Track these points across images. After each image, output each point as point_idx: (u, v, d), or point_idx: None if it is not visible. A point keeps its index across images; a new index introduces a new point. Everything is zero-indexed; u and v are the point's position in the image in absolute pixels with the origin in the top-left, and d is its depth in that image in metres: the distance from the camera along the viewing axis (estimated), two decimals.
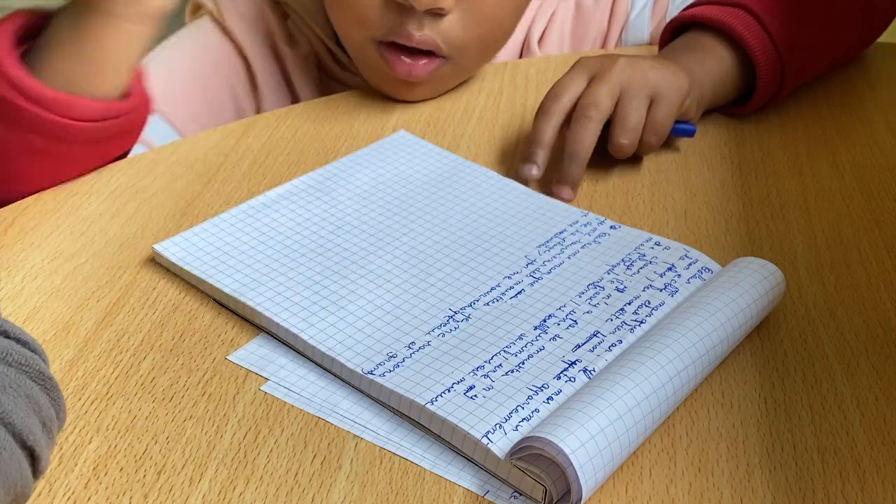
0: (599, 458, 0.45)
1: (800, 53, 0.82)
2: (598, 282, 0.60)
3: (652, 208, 0.71)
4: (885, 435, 0.51)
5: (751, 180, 0.76)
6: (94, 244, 0.60)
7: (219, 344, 0.54)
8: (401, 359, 0.52)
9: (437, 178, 0.71)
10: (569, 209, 0.68)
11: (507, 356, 0.53)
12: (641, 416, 0.47)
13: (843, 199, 0.74)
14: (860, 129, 0.85)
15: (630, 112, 0.71)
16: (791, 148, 0.81)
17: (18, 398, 0.41)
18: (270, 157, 0.74)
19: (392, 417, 0.50)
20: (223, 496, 0.45)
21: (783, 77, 0.81)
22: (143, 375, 0.52)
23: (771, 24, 0.80)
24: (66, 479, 0.45)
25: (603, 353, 0.53)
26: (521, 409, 0.49)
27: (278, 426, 0.49)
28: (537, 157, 0.71)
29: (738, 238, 0.68)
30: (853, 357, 0.57)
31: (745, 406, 0.53)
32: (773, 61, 0.80)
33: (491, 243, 0.64)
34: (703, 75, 0.78)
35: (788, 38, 0.80)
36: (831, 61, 0.89)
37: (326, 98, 0.85)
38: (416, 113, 0.82)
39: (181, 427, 0.49)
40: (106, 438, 0.48)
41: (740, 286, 0.56)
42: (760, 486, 0.48)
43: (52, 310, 0.56)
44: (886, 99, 0.89)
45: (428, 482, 0.47)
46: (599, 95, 0.71)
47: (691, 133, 0.76)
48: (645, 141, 0.73)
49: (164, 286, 0.59)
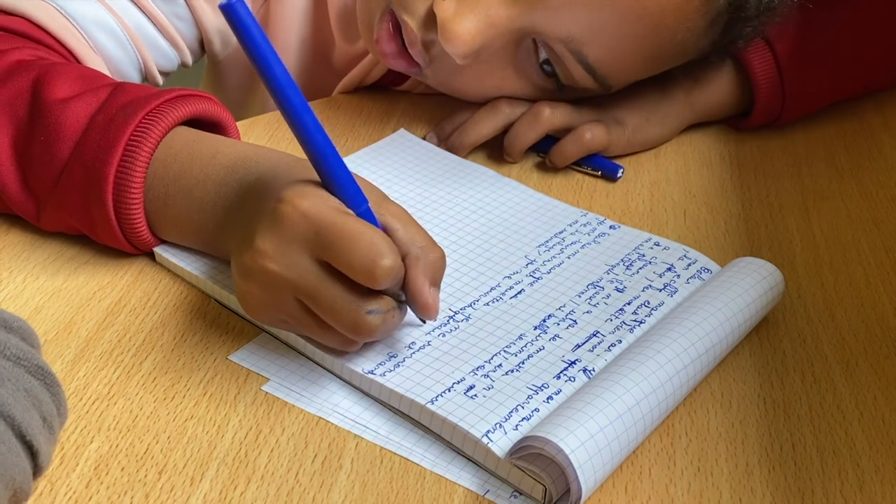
0: (599, 458, 0.45)
1: (807, 82, 0.80)
2: (597, 282, 0.60)
3: (652, 208, 0.71)
4: (884, 435, 0.51)
5: (750, 181, 0.76)
6: (96, 244, 0.60)
7: (220, 344, 0.55)
8: (401, 358, 0.52)
9: (437, 178, 0.71)
10: (568, 209, 0.68)
11: (507, 356, 0.53)
12: (641, 415, 0.48)
13: (842, 200, 0.74)
14: (859, 130, 0.85)
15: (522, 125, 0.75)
16: (790, 149, 0.81)
17: (17, 392, 0.41)
18: None
19: (392, 417, 0.51)
20: (224, 495, 0.45)
21: (784, 102, 0.80)
22: (144, 375, 0.52)
23: (781, 52, 0.78)
24: (67, 478, 0.45)
25: (602, 352, 0.53)
26: (520, 408, 0.49)
27: (279, 426, 0.50)
28: (445, 134, 0.76)
29: (737, 238, 0.68)
30: (852, 357, 0.57)
31: (745, 406, 0.53)
32: (775, 85, 0.79)
33: (491, 243, 0.64)
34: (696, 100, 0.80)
35: (796, 65, 0.79)
36: (856, 88, 0.87)
37: (327, 98, 0.85)
38: (416, 113, 0.82)
39: (182, 427, 0.49)
40: (107, 438, 0.48)
41: (739, 286, 0.56)
42: (759, 486, 0.48)
43: (53, 309, 0.56)
44: (885, 100, 0.89)
45: (428, 482, 0.47)
46: (553, 109, 0.73)
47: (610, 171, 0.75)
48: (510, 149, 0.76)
49: (165, 287, 0.59)
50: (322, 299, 0.48)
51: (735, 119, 0.83)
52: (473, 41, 0.66)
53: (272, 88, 0.46)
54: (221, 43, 0.84)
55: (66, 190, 0.57)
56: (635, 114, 0.77)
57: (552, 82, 0.71)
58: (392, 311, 0.50)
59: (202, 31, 0.82)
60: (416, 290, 0.49)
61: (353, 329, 0.49)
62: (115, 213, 0.57)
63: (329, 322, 0.49)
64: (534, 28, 0.67)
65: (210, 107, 0.60)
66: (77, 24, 0.73)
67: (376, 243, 0.47)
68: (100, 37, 0.74)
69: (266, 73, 0.46)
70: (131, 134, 0.56)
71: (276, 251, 0.49)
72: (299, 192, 0.49)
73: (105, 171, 0.56)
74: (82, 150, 0.57)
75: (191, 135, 0.58)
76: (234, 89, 0.92)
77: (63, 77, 0.60)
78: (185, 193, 0.57)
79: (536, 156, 0.77)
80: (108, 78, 0.62)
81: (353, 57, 0.85)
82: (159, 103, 0.57)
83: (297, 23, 0.85)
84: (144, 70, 0.79)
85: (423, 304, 0.50)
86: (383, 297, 0.49)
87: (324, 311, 0.49)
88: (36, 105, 0.59)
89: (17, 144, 0.59)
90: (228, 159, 0.57)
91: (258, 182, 0.54)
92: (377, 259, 0.47)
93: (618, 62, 0.69)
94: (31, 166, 0.59)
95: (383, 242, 0.48)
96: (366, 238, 0.47)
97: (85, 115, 0.58)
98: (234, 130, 0.62)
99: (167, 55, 0.80)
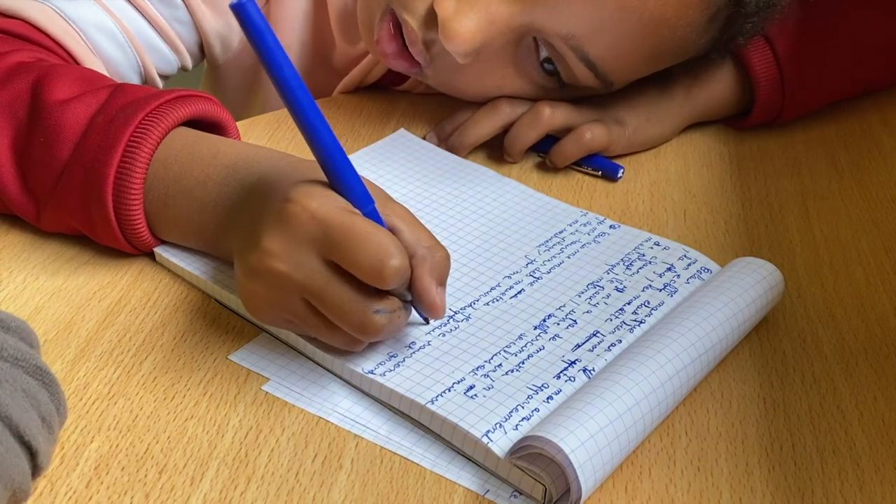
0: (599, 457, 0.45)
1: (807, 80, 0.80)
2: (597, 281, 0.60)
3: (652, 208, 0.71)
4: (884, 434, 0.51)
5: (750, 181, 0.76)
6: (96, 244, 0.60)
7: (220, 344, 0.55)
8: (401, 358, 0.52)
9: (437, 178, 0.71)
10: (568, 209, 0.68)
11: (507, 356, 0.53)
12: (641, 415, 0.48)
13: (842, 200, 0.74)
14: (858, 130, 0.85)
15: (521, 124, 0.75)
16: (790, 148, 0.81)
17: (15, 392, 0.41)
18: None
19: (392, 417, 0.51)
20: (224, 495, 0.45)
21: (784, 100, 0.80)
22: (144, 375, 0.52)
23: (781, 50, 0.78)
24: (67, 478, 0.46)
25: (602, 352, 0.53)
26: (520, 408, 0.49)
27: (279, 426, 0.50)
28: (445, 134, 0.76)
29: (737, 238, 0.68)
30: (852, 357, 0.57)
31: (745, 405, 0.53)
32: (775, 83, 0.79)
33: (491, 243, 0.64)
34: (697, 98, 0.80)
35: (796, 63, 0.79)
36: (856, 87, 0.87)
37: (327, 98, 0.85)
38: (416, 112, 0.83)
39: (182, 426, 0.49)
40: (107, 438, 0.48)
41: (739, 286, 0.56)
42: (759, 486, 0.48)
43: (53, 309, 0.56)
44: (884, 99, 0.89)
45: (428, 481, 0.47)
46: (553, 109, 0.73)
47: (610, 171, 0.75)
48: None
49: (165, 287, 0.59)
50: (329, 299, 0.48)
51: (735, 118, 0.83)
52: (474, 39, 0.66)
53: (281, 88, 0.46)
54: (221, 47, 0.84)
55: (66, 191, 0.57)
56: (636, 113, 0.77)
57: (553, 81, 0.71)
58: (398, 311, 0.50)
59: (202, 35, 0.82)
60: (424, 289, 0.50)
61: (360, 329, 0.49)
62: (115, 214, 0.57)
63: (336, 322, 0.49)
64: (534, 25, 0.67)
65: (210, 107, 0.60)
66: (76, 26, 0.72)
67: (385, 244, 0.47)
68: (99, 40, 0.74)
69: (276, 73, 0.46)
70: (131, 135, 0.56)
71: (284, 251, 0.49)
72: (307, 192, 0.49)
73: (105, 171, 0.56)
74: (82, 151, 0.57)
75: (191, 135, 0.58)
76: (233, 93, 0.92)
77: (63, 78, 0.60)
78: (186, 194, 0.57)
79: (536, 156, 0.77)
80: (108, 79, 0.62)
81: (354, 58, 0.85)
82: (159, 104, 0.57)
83: (298, 24, 0.85)
84: (144, 73, 0.79)
85: (431, 304, 0.50)
86: (390, 297, 0.49)
87: (331, 311, 0.49)
88: (36, 106, 0.59)
89: (16, 146, 0.59)
90: (229, 159, 0.57)
91: (260, 182, 0.54)
92: (386, 259, 0.47)
93: (619, 58, 0.69)
94: (31, 167, 0.59)
95: (391, 243, 0.48)
96: (374, 238, 0.47)
97: (85, 117, 0.58)
98: (234, 131, 0.62)
99: (167, 58, 0.80)
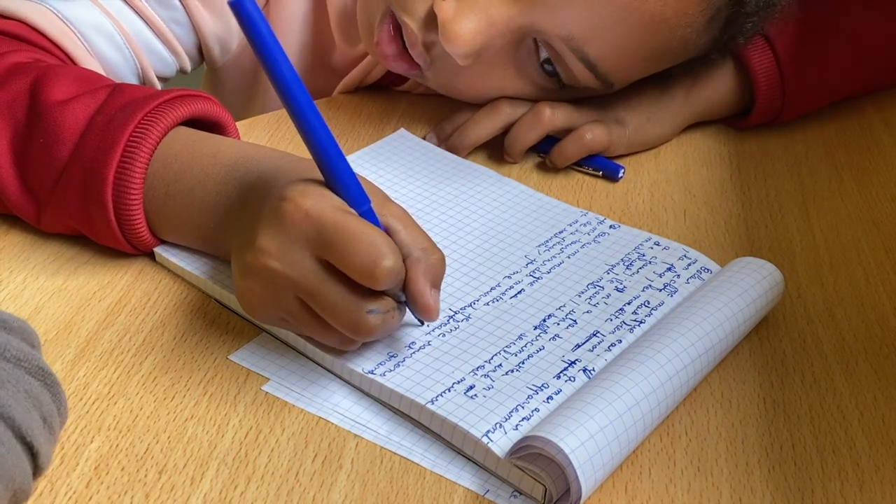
0: (599, 457, 0.45)
1: (807, 80, 0.80)
2: (597, 281, 0.60)
3: (652, 208, 0.71)
4: (884, 434, 0.51)
5: (750, 181, 0.76)
6: (96, 244, 0.60)
7: (220, 344, 0.55)
8: (401, 358, 0.52)
9: (437, 178, 0.71)
10: (568, 209, 0.68)
11: (507, 356, 0.53)
12: (641, 415, 0.48)
13: (842, 200, 0.74)
14: (859, 130, 0.85)
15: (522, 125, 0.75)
16: (790, 148, 0.81)
17: (18, 393, 0.41)
18: None
19: (392, 417, 0.51)
20: (224, 495, 0.45)
21: (784, 100, 0.80)
22: (144, 375, 0.52)
23: (781, 50, 0.78)
24: (67, 478, 0.45)
25: (602, 352, 0.53)
26: (521, 408, 0.49)
27: (279, 426, 0.50)
28: (445, 134, 0.76)
29: (737, 238, 0.68)
30: (852, 357, 0.57)
31: (745, 405, 0.53)
32: (775, 83, 0.79)
33: (491, 243, 0.64)
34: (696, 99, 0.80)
35: (796, 63, 0.79)
36: (857, 86, 0.86)
37: (327, 98, 0.85)
38: (416, 113, 0.83)
39: (182, 426, 0.49)
40: (108, 438, 0.48)
41: (739, 286, 0.56)
42: (759, 486, 0.48)
43: (53, 309, 0.56)
44: (885, 99, 0.89)
45: (428, 481, 0.47)
46: (554, 109, 0.73)
47: (611, 172, 0.75)
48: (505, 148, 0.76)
49: (165, 287, 0.59)
50: (323, 298, 0.48)
51: (735, 118, 0.83)
52: (474, 41, 0.66)
53: (279, 87, 0.46)
54: (220, 49, 0.84)
55: (66, 191, 0.57)
56: (636, 114, 0.77)
57: (553, 82, 0.71)
58: (392, 312, 0.50)
59: (201, 37, 0.82)
60: (418, 291, 0.49)
61: (353, 329, 0.49)
62: (115, 214, 0.57)
63: (329, 321, 0.49)
64: (534, 27, 0.67)
65: (210, 107, 0.60)
66: (74, 28, 0.72)
67: (378, 244, 0.47)
68: (97, 41, 0.74)
69: (273, 71, 0.46)
70: (130, 134, 0.56)
71: (278, 249, 0.49)
72: (302, 191, 0.49)
73: (104, 172, 0.56)
74: (81, 152, 0.56)
75: (191, 135, 0.58)
76: (232, 95, 0.92)
77: (61, 79, 0.60)
78: (186, 193, 0.57)
79: (537, 156, 0.77)
80: (107, 79, 0.62)
81: (354, 59, 0.85)
82: (158, 104, 0.57)
83: (297, 25, 0.85)
84: (142, 75, 0.79)
85: (424, 306, 0.50)
86: (383, 298, 0.49)
87: (324, 310, 0.49)
88: (34, 107, 0.59)
89: (16, 147, 0.59)
90: (229, 159, 0.57)
91: (259, 181, 0.54)
92: (378, 260, 0.47)
93: (619, 59, 0.69)
94: (31, 168, 0.59)
95: (385, 243, 0.48)
96: (367, 238, 0.47)
97: (84, 117, 0.58)
98: (233, 130, 0.62)
99: (165, 60, 0.80)
